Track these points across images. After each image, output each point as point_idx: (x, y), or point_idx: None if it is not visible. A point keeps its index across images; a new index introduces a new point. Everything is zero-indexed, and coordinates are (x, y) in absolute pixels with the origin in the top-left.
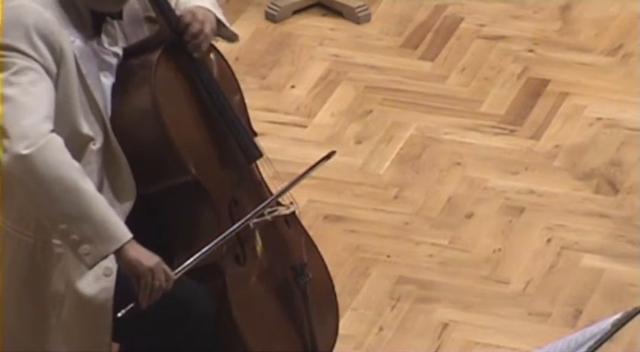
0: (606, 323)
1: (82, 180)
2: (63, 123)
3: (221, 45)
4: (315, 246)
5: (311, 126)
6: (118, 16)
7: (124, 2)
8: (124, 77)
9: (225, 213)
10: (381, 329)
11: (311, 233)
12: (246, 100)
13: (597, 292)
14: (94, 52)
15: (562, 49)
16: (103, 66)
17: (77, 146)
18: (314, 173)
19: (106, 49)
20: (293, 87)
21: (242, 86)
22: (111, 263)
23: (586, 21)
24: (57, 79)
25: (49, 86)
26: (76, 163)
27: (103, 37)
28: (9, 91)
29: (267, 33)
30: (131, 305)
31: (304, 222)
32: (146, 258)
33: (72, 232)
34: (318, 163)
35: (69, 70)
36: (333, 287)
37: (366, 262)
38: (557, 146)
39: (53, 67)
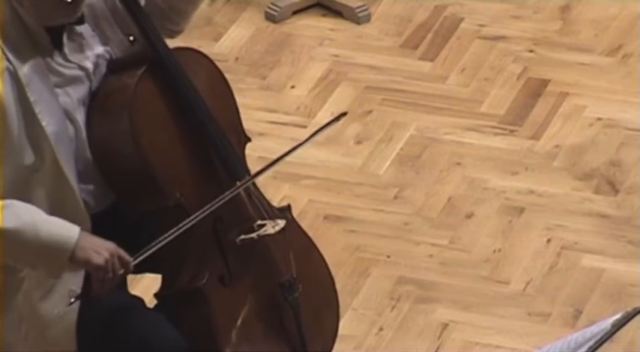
0: (606, 323)
1: (3, 218)
2: (7, 157)
3: (221, 45)
4: (314, 245)
5: (311, 126)
6: (79, 21)
7: (75, 12)
8: (103, 98)
9: (209, 231)
10: (381, 329)
11: (311, 233)
12: (246, 101)
13: (597, 292)
14: (52, 69)
15: (562, 49)
16: (65, 82)
17: (23, 176)
18: (317, 169)
19: (70, 63)
20: (293, 87)
21: (242, 86)
22: (75, 285)
23: (586, 21)
24: None
25: None
26: None
27: (68, 48)
28: None
29: (267, 33)
30: (83, 292)
31: (304, 223)
32: (95, 254)
33: (22, 264)
34: (328, 124)
35: (5, 110)
36: (334, 286)
37: (366, 262)
38: (557, 146)
39: None
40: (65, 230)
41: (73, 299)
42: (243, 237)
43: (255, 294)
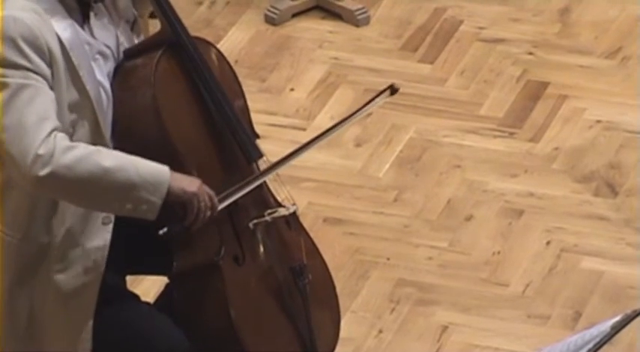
0: (605, 325)
1: (101, 158)
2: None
3: (221, 47)
4: (316, 248)
5: (310, 128)
6: None
7: None
8: (125, 77)
9: (224, 214)
10: (380, 331)
11: (311, 235)
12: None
13: (597, 294)
14: (85, 40)
15: (561, 51)
16: (94, 52)
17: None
18: (322, 173)
19: (95, 39)
20: (292, 90)
21: None
22: (100, 255)
23: (585, 23)
24: (52, 80)
25: (47, 95)
26: (84, 147)
27: (93, 23)
28: (6, 120)
29: (267, 36)
30: (176, 224)
31: (304, 225)
32: (188, 184)
33: (125, 204)
34: (378, 96)
35: (59, 67)
36: (334, 289)
37: (366, 265)
38: (556, 148)
39: (47, 71)
40: (156, 164)
41: (165, 230)
42: (256, 221)
43: (268, 277)
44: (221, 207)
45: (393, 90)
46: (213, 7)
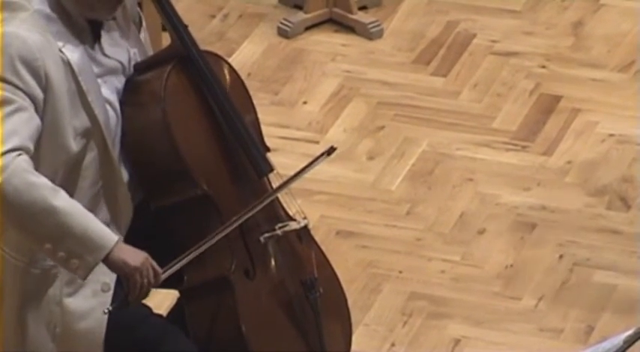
0: (618, 339)
1: (54, 197)
2: (54, 146)
3: (233, 61)
4: (328, 262)
5: (323, 142)
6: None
7: (115, 9)
8: (135, 91)
9: (235, 229)
10: (392, 345)
11: (323, 249)
12: (259, 116)
13: (609, 308)
14: (95, 60)
15: (574, 65)
16: (105, 72)
17: (71, 165)
18: (326, 185)
19: (106, 57)
20: (305, 103)
21: (254, 102)
22: (108, 278)
23: (598, 37)
24: (44, 105)
25: (29, 116)
26: (44, 180)
27: (104, 40)
28: None
29: (280, 49)
30: (120, 300)
31: (316, 238)
32: (132, 258)
33: (58, 250)
34: (317, 159)
35: (56, 93)
36: (346, 303)
37: (378, 278)
38: (569, 162)
39: (38, 93)
40: (108, 231)
41: (109, 308)
42: (267, 235)
43: (279, 291)
44: (164, 277)
45: (330, 151)
46: (225, 20)
